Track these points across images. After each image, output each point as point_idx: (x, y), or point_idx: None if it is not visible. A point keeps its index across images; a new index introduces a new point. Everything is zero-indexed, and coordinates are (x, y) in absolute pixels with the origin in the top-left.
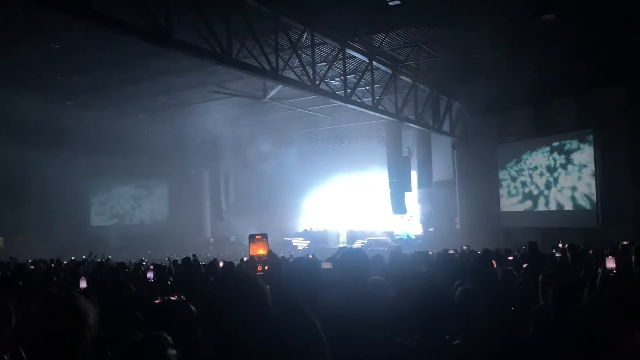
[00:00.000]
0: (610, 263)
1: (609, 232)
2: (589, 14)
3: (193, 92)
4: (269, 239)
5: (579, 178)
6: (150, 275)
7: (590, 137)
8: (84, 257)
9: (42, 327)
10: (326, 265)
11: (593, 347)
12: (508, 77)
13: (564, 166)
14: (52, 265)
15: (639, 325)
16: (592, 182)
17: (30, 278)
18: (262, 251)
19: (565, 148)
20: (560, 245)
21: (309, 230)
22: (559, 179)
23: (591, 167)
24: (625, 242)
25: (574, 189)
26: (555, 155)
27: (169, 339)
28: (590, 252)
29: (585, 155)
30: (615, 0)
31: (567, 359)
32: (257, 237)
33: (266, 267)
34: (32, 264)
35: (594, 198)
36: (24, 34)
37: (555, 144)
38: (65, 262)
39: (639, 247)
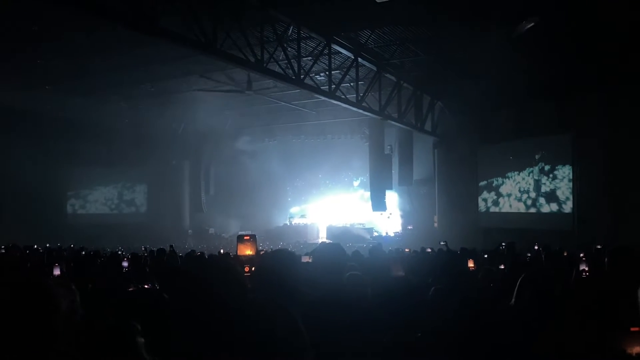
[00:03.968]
0: (583, 265)
1: (584, 235)
2: (572, 19)
3: (176, 81)
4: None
5: (558, 181)
6: (125, 264)
7: (570, 141)
8: (59, 244)
9: (11, 314)
10: (306, 259)
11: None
12: (490, 80)
13: (542, 169)
14: (27, 252)
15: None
16: (570, 185)
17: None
18: (249, 252)
19: (545, 151)
20: (536, 247)
21: (289, 224)
22: (537, 182)
23: (570, 170)
24: (598, 247)
25: (552, 191)
26: (535, 158)
27: (138, 326)
28: (565, 254)
29: (564, 158)
30: (595, 6)
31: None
32: (245, 237)
33: (253, 268)
34: (4, 249)
35: (571, 201)
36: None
37: (535, 146)
38: (40, 249)
39: (612, 250)
